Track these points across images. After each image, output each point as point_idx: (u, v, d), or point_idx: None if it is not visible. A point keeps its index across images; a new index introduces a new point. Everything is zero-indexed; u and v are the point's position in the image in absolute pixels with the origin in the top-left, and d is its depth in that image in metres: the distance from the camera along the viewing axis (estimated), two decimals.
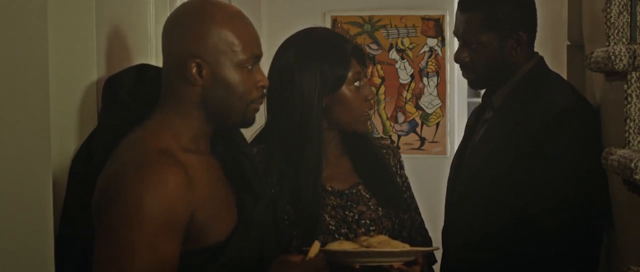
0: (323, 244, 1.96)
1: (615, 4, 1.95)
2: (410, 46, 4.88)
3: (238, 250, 1.73)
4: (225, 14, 1.73)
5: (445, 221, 2.43)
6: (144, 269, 1.57)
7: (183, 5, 1.79)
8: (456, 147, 2.54)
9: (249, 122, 1.80)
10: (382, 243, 1.90)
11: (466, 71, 2.33)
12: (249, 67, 1.73)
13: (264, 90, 1.78)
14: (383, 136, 4.85)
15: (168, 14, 2.38)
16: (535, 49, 2.37)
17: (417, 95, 4.90)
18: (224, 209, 1.74)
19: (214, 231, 1.70)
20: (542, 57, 2.33)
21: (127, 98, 1.78)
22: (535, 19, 2.32)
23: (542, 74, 2.29)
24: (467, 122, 2.55)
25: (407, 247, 1.91)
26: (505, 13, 2.24)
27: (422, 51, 4.88)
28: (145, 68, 1.85)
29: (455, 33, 2.34)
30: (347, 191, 2.11)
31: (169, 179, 1.61)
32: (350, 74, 2.06)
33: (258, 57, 1.76)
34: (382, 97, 4.92)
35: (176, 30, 1.74)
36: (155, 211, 1.58)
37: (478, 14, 2.26)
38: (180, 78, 1.71)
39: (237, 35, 1.72)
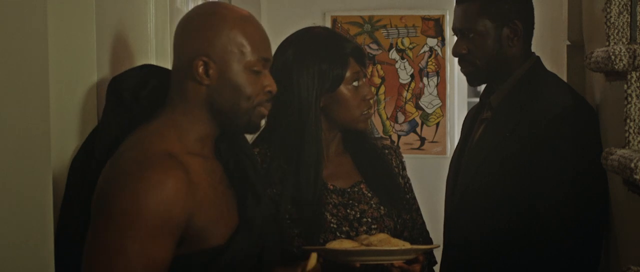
0: (324, 243, 1.96)
1: (615, 4, 1.95)
2: (410, 46, 4.88)
3: (239, 251, 1.73)
4: (237, 16, 1.74)
5: (446, 221, 2.43)
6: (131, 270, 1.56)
7: (196, 7, 1.81)
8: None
9: (254, 127, 1.80)
10: (383, 241, 1.90)
11: (465, 64, 2.33)
12: (257, 70, 1.74)
13: (271, 95, 1.78)
14: (383, 136, 4.85)
15: (168, 14, 2.39)
16: (535, 50, 2.37)
17: (417, 95, 4.90)
18: (225, 212, 1.74)
19: (215, 233, 1.70)
20: (539, 58, 2.34)
21: (130, 98, 1.78)
22: (532, 12, 2.33)
23: (539, 74, 2.30)
24: (464, 123, 2.55)
25: (407, 245, 1.91)
26: (500, 0, 2.26)
27: (422, 51, 4.88)
28: (148, 69, 1.85)
29: (454, 29, 2.36)
30: (348, 190, 2.11)
31: (169, 182, 1.60)
32: (348, 74, 2.06)
33: (267, 60, 1.76)
34: (382, 97, 4.92)
35: (187, 30, 1.75)
36: (150, 213, 1.58)
37: (474, 3, 2.28)
38: (188, 77, 1.72)
39: (247, 38, 1.72)
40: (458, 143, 2.50)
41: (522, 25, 2.29)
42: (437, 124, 4.90)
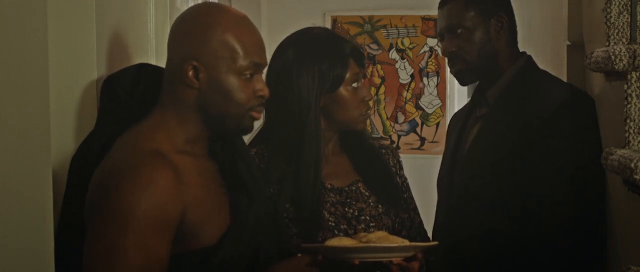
0: (322, 241, 1.96)
1: (615, 4, 1.95)
2: (410, 46, 4.89)
3: (230, 252, 1.72)
4: (230, 19, 1.73)
5: (442, 222, 2.41)
6: (133, 270, 1.57)
7: (191, 7, 1.80)
8: None
9: (246, 130, 1.79)
10: (381, 239, 1.90)
11: (454, 62, 2.33)
12: (249, 74, 1.72)
13: (263, 100, 1.77)
14: (383, 136, 4.85)
15: (168, 14, 2.39)
16: (536, 50, 2.38)
17: (417, 95, 4.91)
18: (216, 212, 1.73)
19: (207, 232, 1.70)
20: (531, 56, 2.35)
21: (125, 97, 1.78)
22: (512, 11, 2.35)
23: (532, 72, 2.31)
24: (451, 124, 2.54)
25: (406, 242, 1.91)
26: None
27: (422, 51, 4.88)
28: (144, 67, 1.85)
29: (440, 34, 2.36)
30: (346, 188, 2.11)
31: (159, 179, 1.60)
32: (348, 75, 2.06)
33: (259, 65, 1.74)
34: (382, 97, 4.92)
35: (179, 31, 1.74)
36: (145, 212, 1.58)
37: (458, 1, 2.29)
38: (179, 80, 1.71)
39: (239, 42, 1.71)
40: (449, 143, 2.49)
41: (507, 18, 2.31)
42: (437, 124, 4.91)
